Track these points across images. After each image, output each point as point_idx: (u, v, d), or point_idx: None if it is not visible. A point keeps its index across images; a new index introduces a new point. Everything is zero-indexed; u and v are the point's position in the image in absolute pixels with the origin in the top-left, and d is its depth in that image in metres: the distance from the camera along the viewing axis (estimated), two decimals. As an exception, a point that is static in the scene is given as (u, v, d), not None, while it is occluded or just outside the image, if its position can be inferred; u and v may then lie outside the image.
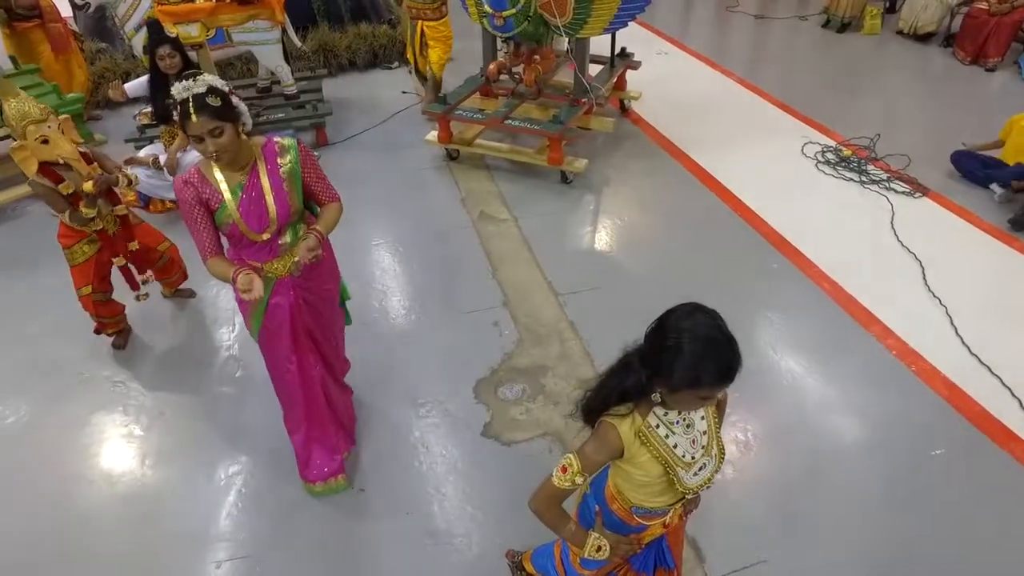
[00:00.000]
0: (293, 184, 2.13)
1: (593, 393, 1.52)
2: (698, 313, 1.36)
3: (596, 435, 1.50)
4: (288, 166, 2.12)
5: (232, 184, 2.06)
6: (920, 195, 4.41)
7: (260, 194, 2.07)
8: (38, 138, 2.65)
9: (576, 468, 1.47)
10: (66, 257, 3.03)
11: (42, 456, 2.81)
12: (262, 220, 2.09)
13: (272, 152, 2.12)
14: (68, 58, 5.35)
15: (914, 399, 2.98)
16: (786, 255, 3.89)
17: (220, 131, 1.92)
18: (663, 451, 1.46)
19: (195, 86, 1.88)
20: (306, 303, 2.33)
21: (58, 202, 2.80)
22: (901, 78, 6.43)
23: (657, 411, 1.47)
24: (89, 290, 3.08)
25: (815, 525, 2.48)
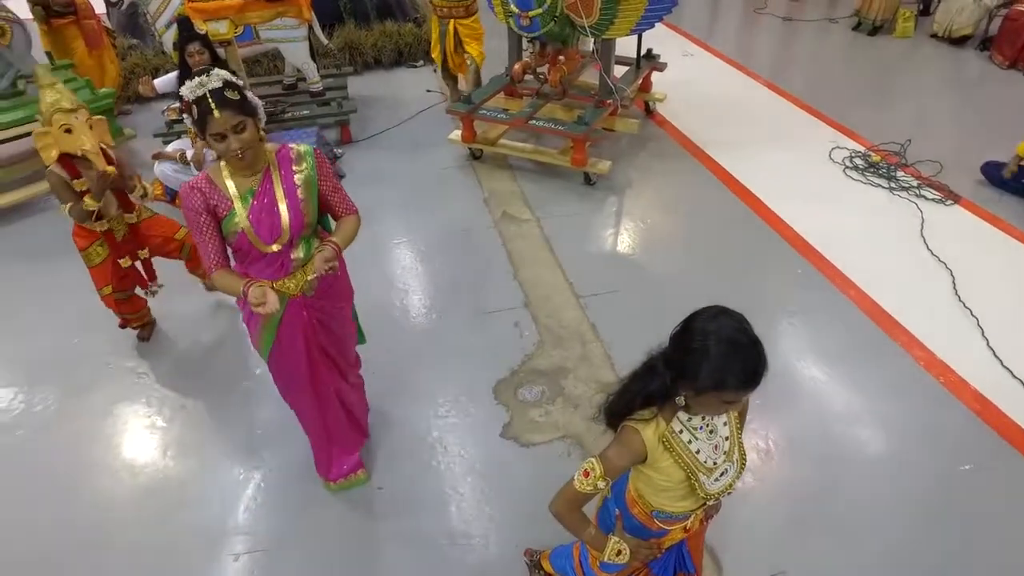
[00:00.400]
0: (309, 193, 1.99)
1: (617, 397, 1.50)
2: (724, 316, 1.35)
3: (619, 440, 1.48)
4: (304, 173, 1.99)
5: (242, 190, 1.92)
6: (952, 202, 4.32)
7: (273, 201, 1.93)
8: (62, 126, 2.64)
9: (599, 472, 1.46)
10: (83, 259, 3.03)
11: (68, 444, 2.86)
12: (273, 230, 1.94)
13: (287, 158, 1.99)
14: (101, 53, 5.45)
15: (942, 411, 2.91)
16: (811, 261, 3.82)
17: (243, 126, 1.81)
18: (686, 457, 1.44)
19: (209, 81, 1.76)
20: (320, 323, 2.21)
21: (65, 194, 2.78)
22: (934, 82, 6.30)
23: (681, 416, 1.45)
24: (109, 290, 3.11)
25: (836, 537, 2.44)
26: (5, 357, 3.31)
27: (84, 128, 2.68)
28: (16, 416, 2.99)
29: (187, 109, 1.80)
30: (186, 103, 1.79)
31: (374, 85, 6.35)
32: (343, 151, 5.08)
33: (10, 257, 4.04)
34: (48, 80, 2.66)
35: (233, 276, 1.95)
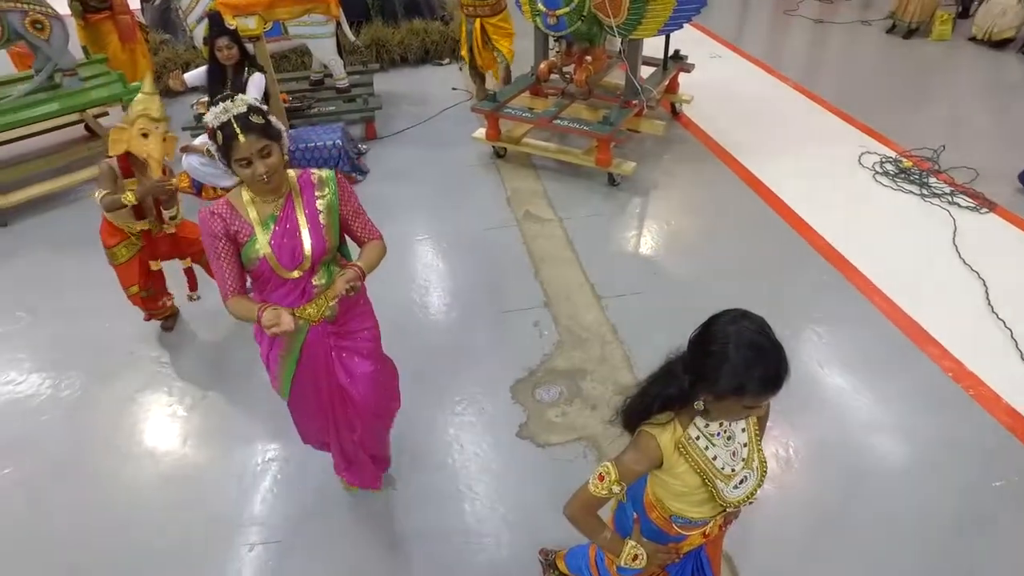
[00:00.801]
0: (331, 218, 1.94)
1: (634, 400, 1.48)
2: (744, 319, 1.32)
3: (635, 445, 1.46)
4: (327, 199, 1.93)
5: (264, 216, 1.88)
6: (986, 210, 4.20)
7: (295, 227, 1.89)
8: (142, 129, 2.77)
9: (614, 477, 1.44)
10: (108, 257, 3.10)
11: (91, 430, 2.91)
12: (295, 256, 1.90)
13: (309, 183, 1.94)
14: (133, 48, 5.55)
15: (972, 425, 2.83)
16: (837, 267, 3.75)
17: (268, 151, 1.76)
18: (702, 463, 1.42)
19: (233, 107, 1.73)
20: (339, 359, 2.13)
21: (108, 182, 2.86)
22: (972, 87, 6.14)
23: (698, 422, 1.42)
24: (136, 289, 3.16)
25: (858, 551, 2.38)
26: (34, 343, 3.38)
27: (159, 138, 2.81)
28: (43, 401, 3.05)
29: (211, 135, 1.76)
30: (210, 129, 1.75)
31: (400, 82, 6.38)
32: (368, 147, 5.11)
33: (41, 246, 4.13)
34: (150, 90, 2.82)
35: (248, 302, 1.90)
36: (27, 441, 2.86)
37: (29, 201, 4.41)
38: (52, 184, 4.51)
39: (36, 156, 4.87)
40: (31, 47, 4.57)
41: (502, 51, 5.20)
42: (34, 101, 4.57)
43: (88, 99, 4.71)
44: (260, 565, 2.39)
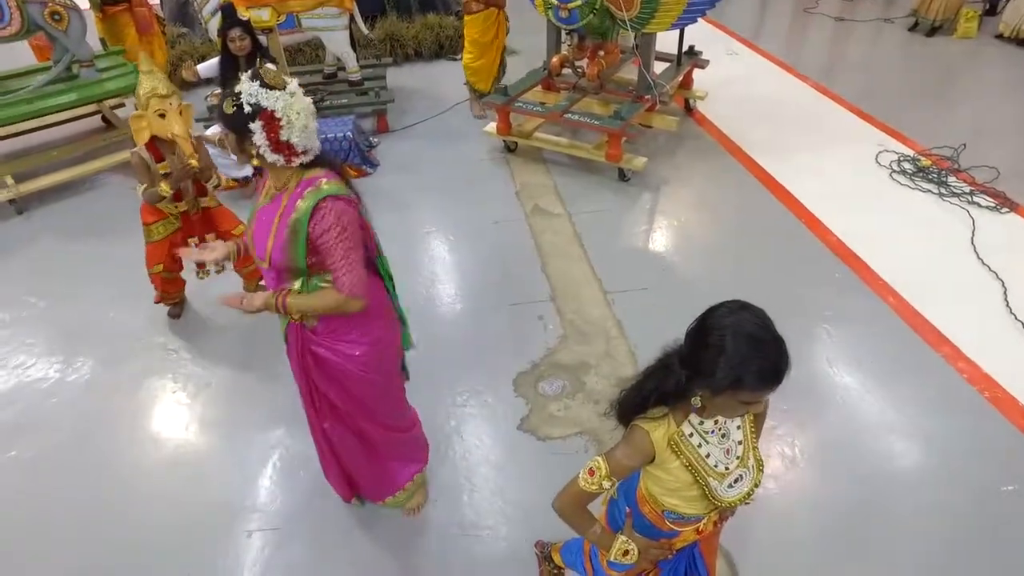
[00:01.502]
0: (295, 237, 1.75)
1: (629, 393, 1.44)
2: (744, 311, 1.28)
3: (627, 440, 1.43)
4: (297, 216, 1.73)
5: (267, 195, 1.85)
6: (1007, 210, 4.10)
7: (269, 223, 1.80)
8: (157, 110, 2.77)
9: (604, 472, 1.41)
10: (144, 234, 3.13)
11: (97, 414, 2.93)
12: (260, 249, 1.84)
13: (299, 194, 1.76)
14: (150, 40, 5.59)
15: (986, 428, 2.75)
16: (850, 265, 3.67)
17: (225, 132, 1.75)
18: (694, 460, 1.38)
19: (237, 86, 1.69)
20: (315, 362, 1.99)
21: (144, 175, 2.91)
22: (997, 85, 5.99)
23: (692, 419, 1.39)
24: (160, 268, 3.20)
25: (863, 554, 2.32)
26: (45, 329, 3.42)
27: (176, 114, 2.81)
28: (51, 384, 3.08)
29: None
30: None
31: (413, 77, 6.38)
32: (379, 140, 5.12)
33: (57, 234, 4.18)
34: (147, 67, 2.77)
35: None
36: (36, 423, 2.89)
37: (46, 190, 4.47)
38: (68, 173, 4.57)
39: (54, 146, 4.93)
40: (49, 38, 4.62)
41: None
42: (52, 91, 4.63)
43: (104, 90, 4.77)
44: (258, 552, 2.39)
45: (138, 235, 4.01)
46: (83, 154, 4.80)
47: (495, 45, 5.15)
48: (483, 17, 4.97)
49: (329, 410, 2.13)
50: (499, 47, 5.19)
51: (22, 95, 4.52)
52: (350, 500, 2.48)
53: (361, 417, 2.16)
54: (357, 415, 2.15)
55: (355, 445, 2.24)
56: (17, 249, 4.06)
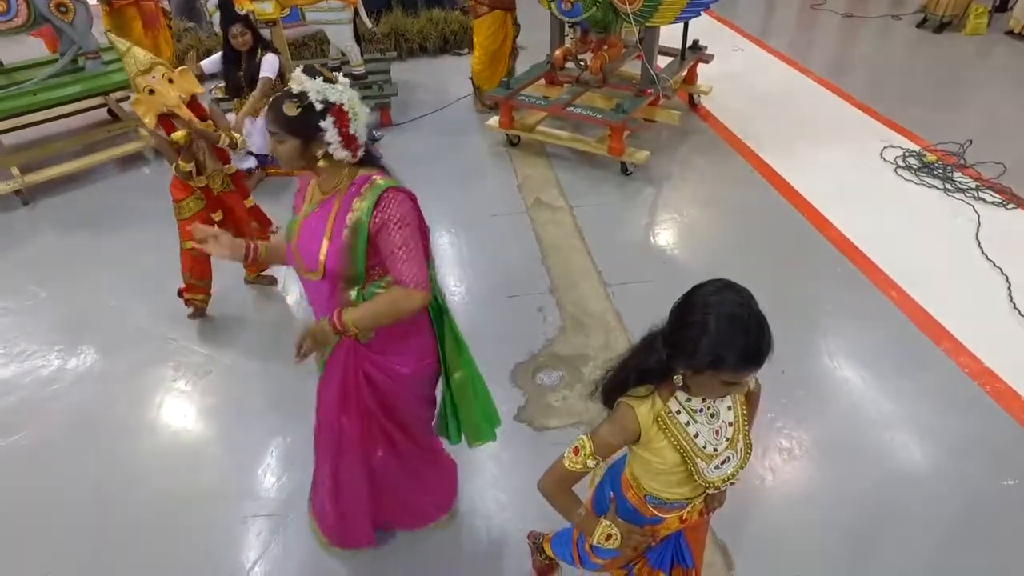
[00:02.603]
0: (355, 239, 1.63)
1: (614, 372, 1.44)
2: (727, 290, 1.26)
3: (612, 417, 1.42)
4: (357, 215, 1.62)
5: (312, 201, 1.71)
6: (1013, 206, 4.06)
7: (321, 229, 1.66)
8: (145, 88, 2.69)
9: (588, 450, 1.40)
10: (174, 211, 3.08)
11: (97, 401, 2.95)
12: (310, 259, 1.68)
13: (355, 192, 1.65)
14: (156, 34, 5.62)
15: (987, 423, 2.73)
16: (853, 260, 3.65)
17: (280, 139, 1.60)
18: (682, 439, 1.37)
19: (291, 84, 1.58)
20: (367, 378, 1.85)
21: (170, 152, 2.88)
22: (1006, 82, 5.94)
23: (679, 396, 1.38)
24: (191, 245, 3.13)
25: (861, 546, 2.31)
26: (49, 317, 3.44)
27: (164, 85, 2.72)
28: (53, 372, 3.10)
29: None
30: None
31: (418, 71, 6.38)
32: (382, 134, 5.12)
33: (61, 224, 4.21)
34: (121, 46, 2.72)
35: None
36: (37, 410, 2.91)
37: (51, 181, 4.50)
38: (73, 165, 4.60)
39: (59, 138, 4.97)
40: (56, 30, 4.65)
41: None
42: (57, 83, 4.66)
43: (110, 82, 4.79)
44: (255, 537, 2.40)
45: (141, 226, 4.05)
46: (88, 146, 4.83)
47: (504, 50, 5.11)
48: (490, 20, 4.93)
49: (382, 436, 1.97)
50: (506, 51, 5.16)
51: (28, 87, 4.55)
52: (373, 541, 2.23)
53: (404, 439, 2.02)
54: (401, 437, 2.01)
55: (406, 473, 2.10)
56: (22, 239, 4.09)
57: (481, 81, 5.21)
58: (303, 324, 1.77)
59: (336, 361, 1.84)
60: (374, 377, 1.85)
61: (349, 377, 1.84)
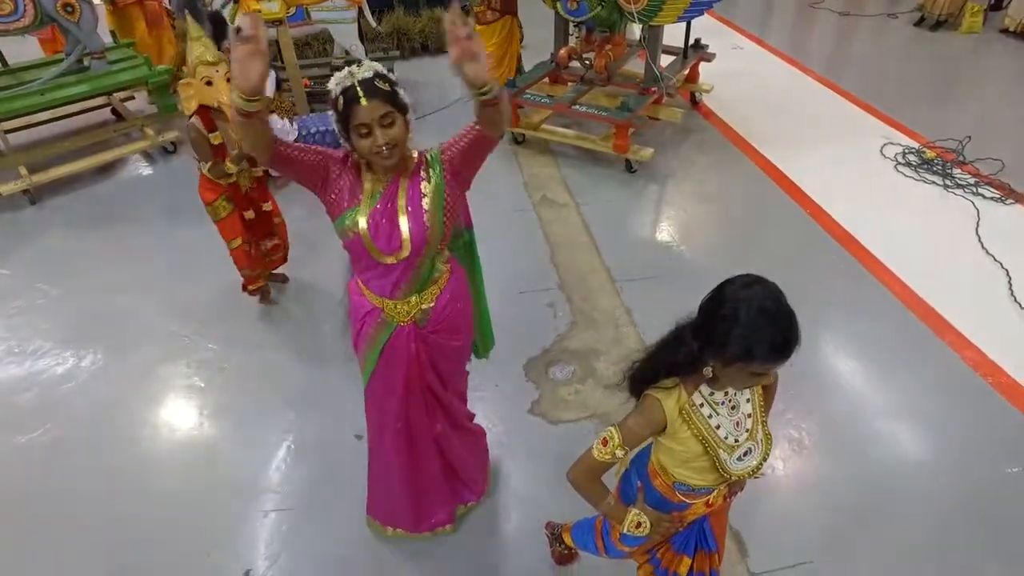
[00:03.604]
0: (436, 202, 1.72)
1: (642, 364, 1.48)
2: (758, 284, 1.31)
3: (640, 409, 1.47)
4: (433, 181, 1.73)
5: (373, 189, 1.72)
6: (1012, 201, 4.13)
7: (395, 210, 1.71)
8: (204, 78, 2.71)
9: (617, 441, 1.44)
10: (209, 213, 3.06)
11: (112, 397, 2.98)
12: (392, 241, 1.71)
13: (421, 164, 1.75)
14: (160, 34, 5.65)
15: (990, 413, 2.79)
16: (856, 255, 3.71)
17: (392, 120, 1.60)
18: (704, 431, 1.42)
19: (359, 71, 1.60)
20: (429, 360, 1.97)
21: (205, 150, 2.84)
22: (1002, 79, 6.01)
23: (703, 390, 1.42)
24: (239, 242, 3.12)
25: (867, 532, 2.36)
26: (60, 315, 3.46)
27: (223, 82, 2.73)
28: (67, 370, 3.13)
29: (333, 103, 1.62)
30: (332, 96, 1.62)
31: (420, 70, 6.41)
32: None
33: (69, 223, 4.23)
34: (196, 33, 2.73)
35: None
36: (53, 407, 2.93)
37: (59, 180, 4.51)
38: (80, 164, 4.61)
39: (65, 137, 4.98)
40: (61, 30, 4.66)
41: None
42: (63, 83, 4.66)
43: (115, 81, 4.80)
44: (274, 530, 2.44)
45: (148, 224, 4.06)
46: (94, 145, 4.84)
47: (510, 53, 5.11)
48: (499, 27, 4.91)
49: (440, 411, 2.11)
50: (514, 55, 5.15)
51: (34, 87, 4.56)
52: (451, 520, 2.36)
53: (457, 407, 2.20)
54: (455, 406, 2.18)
55: (460, 440, 2.25)
56: (31, 238, 4.10)
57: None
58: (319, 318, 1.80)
59: (397, 356, 1.92)
60: (433, 356, 1.97)
61: (413, 366, 1.94)
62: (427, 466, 2.20)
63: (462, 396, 2.26)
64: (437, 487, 2.28)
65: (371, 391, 2.04)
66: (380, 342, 1.91)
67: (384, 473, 2.23)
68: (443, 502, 2.34)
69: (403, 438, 2.08)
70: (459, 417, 2.24)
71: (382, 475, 2.25)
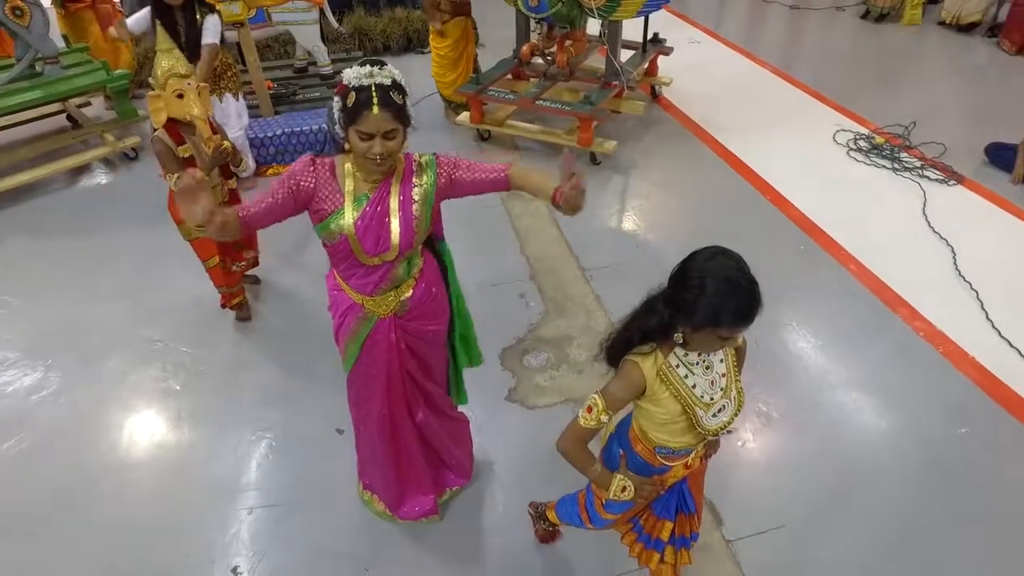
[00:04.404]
0: (424, 208, 1.78)
1: (617, 334, 1.56)
2: (722, 256, 1.41)
3: (620, 374, 1.55)
4: (423, 187, 1.77)
5: (358, 192, 1.73)
6: (954, 183, 4.36)
7: (385, 212, 1.74)
8: (175, 91, 2.64)
9: (601, 407, 1.52)
10: (181, 233, 2.98)
11: (86, 406, 2.94)
12: (380, 243, 1.75)
13: (410, 170, 1.79)
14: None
15: (941, 380, 2.97)
16: (813, 237, 3.88)
17: (394, 134, 1.63)
18: (682, 390, 1.50)
19: (379, 75, 1.58)
20: (409, 348, 2.03)
21: (171, 162, 2.75)
22: (941, 68, 6.32)
23: (678, 352, 1.51)
24: (216, 261, 3.08)
25: (834, 495, 2.50)
26: (23, 327, 3.38)
27: (194, 94, 2.68)
28: (36, 381, 3.06)
29: (343, 92, 1.60)
30: (344, 86, 1.60)
31: (383, 70, 6.41)
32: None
33: (28, 232, 4.12)
34: (166, 45, 2.67)
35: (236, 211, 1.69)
36: (23, 419, 2.88)
37: (16, 189, 4.40)
38: (37, 172, 4.49)
39: (19, 145, 4.85)
40: (11, 34, 4.55)
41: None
42: (15, 89, 4.55)
43: (71, 86, 4.70)
44: (260, 527, 2.45)
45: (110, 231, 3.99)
46: (52, 152, 4.73)
47: (466, 55, 4.97)
48: (452, 27, 4.78)
49: (421, 397, 2.17)
50: (470, 56, 5.01)
51: (-15, 93, 4.45)
52: (435, 510, 2.41)
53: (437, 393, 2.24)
54: (435, 392, 2.23)
55: (442, 427, 2.32)
56: (-11, 249, 4.00)
57: (444, 88, 5.13)
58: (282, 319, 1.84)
59: (378, 347, 1.97)
60: (412, 343, 2.02)
61: (393, 354, 2.00)
62: (409, 453, 2.26)
63: (443, 382, 2.29)
64: (420, 474, 2.34)
65: (354, 379, 2.09)
66: (362, 335, 1.96)
67: (371, 456, 2.30)
68: (426, 490, 2.40)
69: (386, 425, 2.14)
70: (441, 405, 2.30)
71: (370, 457, 2.32)
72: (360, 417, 2.20)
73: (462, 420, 2.50)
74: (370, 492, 2.46)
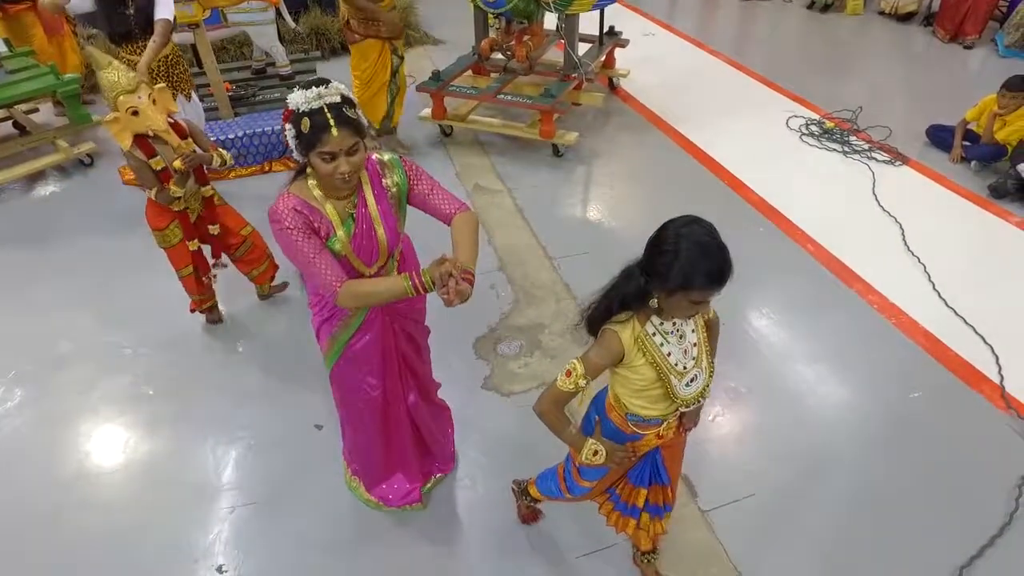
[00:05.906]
0: (400, 207, 1.82)
1: (597, 303, 1.63)
2: (695, 223, 1.49)
3: (600, 342, 1.61)
4: (395, 189, 1.80)
5: (343, 215, 1.74)
6: (900, 163, 4.57)
7: (371, 226, 1.77)
8: (128, 109, 2.53)
9: (580, 372, 1.58)
10: (158, 241, 2.93)
11: (55, 415, 2.88)
12: (373, 253, 1.80)
13: (375, 173, 1.79)
14: (60, 41, 5.38)
15: (894, 348, 3.13)
16: (772, 220, 4.03)
17: (356, 148, 1.62)
18: (658, 357, 1.58)
19: (328, 94, 1.56)
20: (400, 327, 2.08)
21: (149, 177, 2.69)
22: (883, 55, 6.59)
23: (654, 320, 1.58)
24: (190, 270, 3.03)
25: (801, 463, 2.62)
26: (-16, 337, 3.31)
27: (150, 107, 2.56)
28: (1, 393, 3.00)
29: (294, 119, 1.57)
30: (291, 112, 1.58)
31: (341, 70, 6.32)
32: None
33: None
34: (103, 61, 2.54)
35: (370, 282, 1.75)
36: (-12, 430, 2.82)
37: (-38, 200, 4.27)
38: (-14, 181, 4.37)
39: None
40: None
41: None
42: (-41, 96, 4.41)
43: (18, 91, 4.55)
44: (242, 525, 2.45)
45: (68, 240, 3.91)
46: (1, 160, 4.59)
47: (378, 81, 4.38)
48: (366, 49, 4.22)
49: (412, 380, 2.23)
50: (382, 85, 4.40)
51: (-74, 102, 4.29)
52: (419, 498, 2.44)
53: (425, 374, 2.32)
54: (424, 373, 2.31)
55: (431, 414, 2.39)
56: (-61, 262, 3.87)
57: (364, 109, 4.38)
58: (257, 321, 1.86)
59: (372, 328, 2.00)
60: (406, 325, 2.10)
61: (388, 338, 2.05)
62: (401, 437, 2.30)
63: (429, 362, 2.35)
64: (408, 460, 2.39)
65: (345, 362, 2.06)
66: (352, 327, 2.00)
67: (360, 443, 2.33)
68: (413, 477, 2.44)
69: (378, 407, 2.16)
70: (430, 389, 2.38)
71: (358, 444, 2.36)
72: (351, 402, 2.19)
73: (444, 407, 2.55)
74: (357, 479, 2.49)
